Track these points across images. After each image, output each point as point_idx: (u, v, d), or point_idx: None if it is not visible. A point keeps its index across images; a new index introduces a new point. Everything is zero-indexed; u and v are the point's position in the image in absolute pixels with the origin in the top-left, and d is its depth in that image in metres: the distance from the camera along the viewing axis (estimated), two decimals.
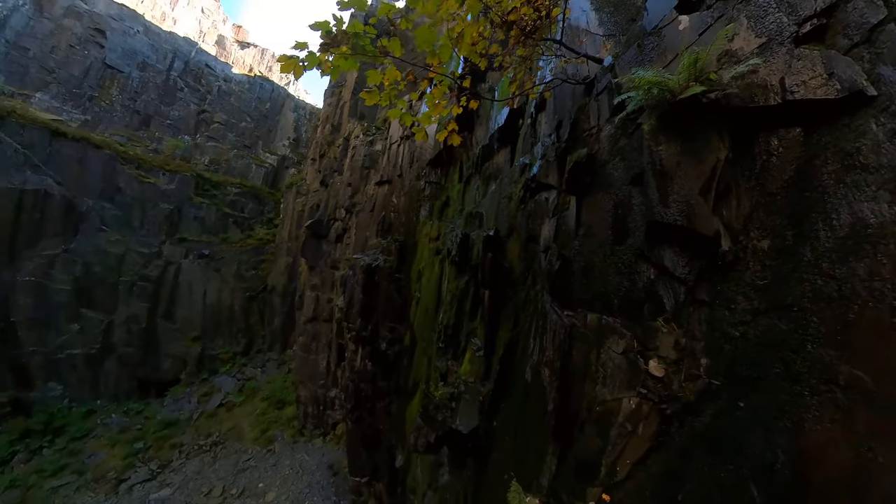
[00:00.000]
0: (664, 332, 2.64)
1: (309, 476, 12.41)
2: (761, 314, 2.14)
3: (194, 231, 18.59)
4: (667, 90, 2.72)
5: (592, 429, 3.18)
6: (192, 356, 17.65)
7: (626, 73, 3.65)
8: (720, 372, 2.30)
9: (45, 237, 14.40)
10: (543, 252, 5.29)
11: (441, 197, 12.55)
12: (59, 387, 14.40)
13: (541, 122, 7.03)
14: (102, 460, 12.97)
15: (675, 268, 2.70)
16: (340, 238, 18.61)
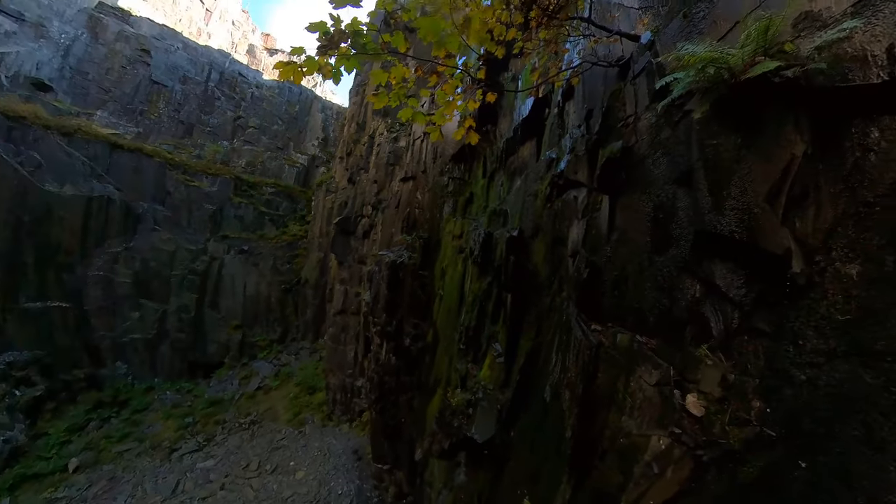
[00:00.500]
0: (708, 364, 2.16)
1: (335, 459, 12.77)
2: (839, 358, 1.62)
3: (235, 229, 19.66)
4: (725, 69, 2.15)
5: (614, 460, 2.77)
6: (234, 342, 18.76)
7: (670, 50, 3.06)
8: (777, 420, 1.80)
9: (109, 237, 15.93)
10: (571, 257, 4.80)
11: (464, 193, 12.15)
12: (124, 366, 15.94)
13: (569, 111, 6.41)
14: (158, 431, 14.18)
15: (727, 287, 2.19)
16: (367, 234, 18.81)
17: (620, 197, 3.84)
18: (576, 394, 3.20)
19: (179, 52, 22.89)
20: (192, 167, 18.81)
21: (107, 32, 20.45)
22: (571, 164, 5.13)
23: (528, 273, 6.12)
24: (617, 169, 3.86)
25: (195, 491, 11.65)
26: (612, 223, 3.87)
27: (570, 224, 4.97)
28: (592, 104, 5.11)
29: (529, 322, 5.69)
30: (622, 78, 4.37)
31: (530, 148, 8.15)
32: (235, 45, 35.61)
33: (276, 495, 11.49)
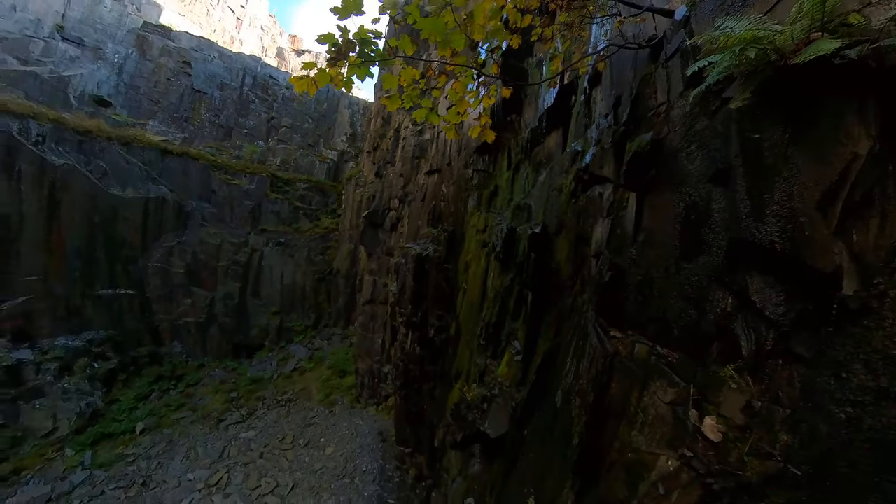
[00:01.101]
0: (732, 387, 1.91)
1: (361, 439, 13.33)
2: (890, 400, 1.34)
3: (272, 223, 20.77)
4: (772, 49, 1.79)
5: (620, 474, 2.64)
6: (273, 327, 19.98)
7: (707, 27, 2.70)
8: (805, 459, 1.54)
9: (164, 233, 17.60)
10: (594, 257, 4.51)
11: (489, 186, 11.85)
12: (180, 345, 17.64)
13: (596, 99, 5.93)
14: (208, 403, 15.58)
15: (763, 303, 1.91)
16: (395, 227, 19.05)
17: (649, 195, 3.50)
18: (586, 402, 3.04)
19: (216, 60, 24.40)
20: (233, 167, 20.06)
21: (152, 49, 22.33)
22: (597, 158, 4.78)
23: (551, 271, 5.87)
24: (645, 164, 3.49)
25: (238, 457, 12.73)
26: (639, 223, 3.56)
27: (595, 222, 4.66)
28: (620, 91, 4.64)
29: (549, 322, 5.49)
30: (654, 60, 3.90)
31: (556, 138, 7.73)
32: (265, 49, 37.06)
33: (308, 467, 12.24)
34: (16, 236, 13.81)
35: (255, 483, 11.60)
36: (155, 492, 11.35)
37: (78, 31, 19.97)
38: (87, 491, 11.20)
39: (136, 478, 11.81)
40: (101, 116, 18.69)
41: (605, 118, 5.00)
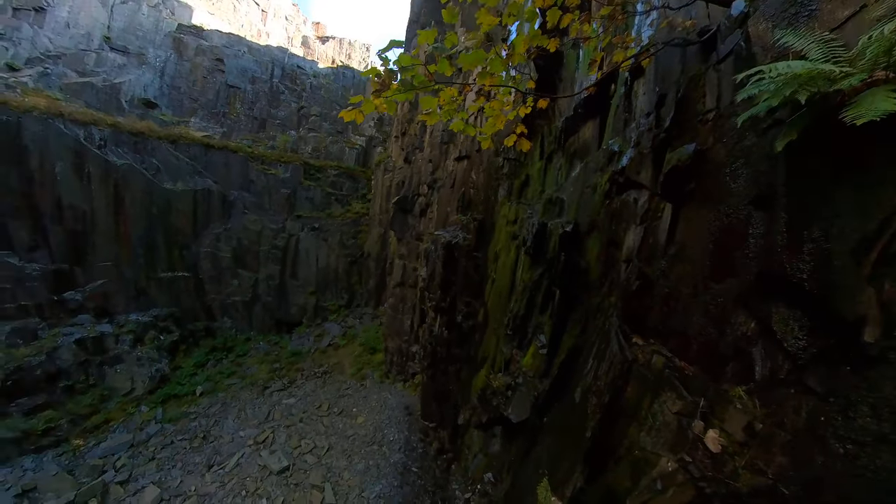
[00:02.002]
0: (738, 406, 2.06)
1: (389, 411, 14.34)
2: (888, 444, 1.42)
3: (306, 209, 21.80)
4: (826, 93, 1.71)
5: (626, 468, 2.95)
6: (310, 306, 21.39)
7: (766, 34, 2.54)
8: (796, 482, 1.68)
9: (212, 221, 19.08)
10: (624, 262, 4.56)
11: (520, 175, 11.71)
12: (230, 321, 19.47)
13: (637, 92, 5.66)
14: (254, 372, 17.27)
15: (784, 334, 1.99)
16: (424, 212, 19.30)
17: (685, 207, 3.47)
18: (601, 402, 3.29)
19: (246, 55, 25.20)
20: (269, 157, 21.00)
21: (188, 50, 23.44)
22: (634, 162, 4.69)
23: (580, 270, 5.95)
24: (685, 177, 3.40)
25: (281, 420, 14.16)
26: (672, 235, 3.58)
27: (627, 228, 4.66)
28: (665, 88, 4.33)
29: (575, 319, 5.64)
30: (705, 59, 3.62)
31: (592, 129, 7.49)
32: (291, 39, 37.29)
33: (341, 432, 13.44)
34: (91, 229, 15.60)
35: (296, 443, 12.97)
36: (213, 444, 13.00)
37: (122, 40, 21.47)
38: (159, 440, 13.05)
39: (197, 432, 13.56)
40: (150, 117, 20.29)
41: (647, 118, 4.77)
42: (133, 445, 12.73)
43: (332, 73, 29.33)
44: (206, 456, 12.45)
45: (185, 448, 12.82)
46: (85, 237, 15.45)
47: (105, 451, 12.34)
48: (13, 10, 18.17)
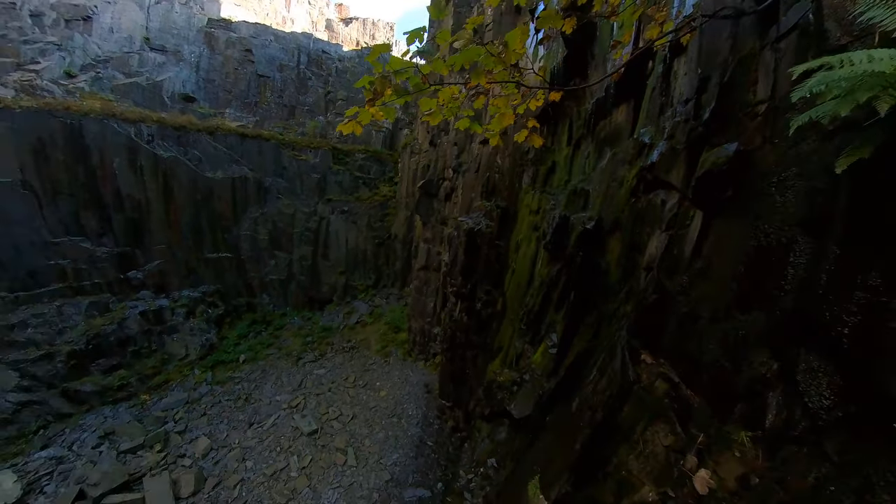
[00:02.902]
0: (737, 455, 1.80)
1: (410, 387, 15.01)
2: None
3: (336, 192, 22.32)
4: None
5: (612, 485, 2.87)
6: (340, 285, 22.35)
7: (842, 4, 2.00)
8: None
9: (249, 206, 20.21)
10: (645, 270, 4.16)
11: (546, 162, 11.02)
12: (268, 297, 20.93)
13: (678, 72, 4.87)
14: (289, 344, 18.61)
15: (807, 387, 1.68)
16: (449, 196, 19.04)
17: (718, 218, 3.00)
18: (594, 418, 3.17)
19: (273, 44, 25.41)
20: (299, 143, 21.53)
21: (219, 43, 24.03)
22: (665, 159, 4.13)
23: (599, 271, 5.57)
24: (722, 181, 2.87)
25: (312, 388, 15.27)
26: (699, 249, 3.16)
27: (652, 232, 4.22)
28: (710, 70, 3.56)
29: (588, 323, 5.35)
30: (762, 34, 2.84)
31: (625, 112, 6.73)
32: (314, 23, 36.88)
33: (365, 404, 14.29)
34: (147, 216, 17.20)
35: (324, 410, 14.02)
36: (254, 406, 14.36)
37: (160, 40, 22.51)
38: (209, 399, 14.62)
39: (241, 394, 15.01)
40: (190, 111, 21.58)
41: (685, 105, 4.09)
42: (188, 402, 14.37)
43: (356, 55, 29.11)
44: (248, 415, 13.85)
45: (231, 407, 14.29)
46: (142, 223, 17.08)
47: (166, 406, 14.05)
48: (65, 21, 19.61)
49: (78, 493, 10.10)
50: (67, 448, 11.84)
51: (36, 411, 12.28)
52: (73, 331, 14.10)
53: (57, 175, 14.66)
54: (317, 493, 10.72)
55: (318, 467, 11.59)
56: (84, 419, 12.89)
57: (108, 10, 20.94)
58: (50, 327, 13.73)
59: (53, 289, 14.54)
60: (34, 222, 14.35)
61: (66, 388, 13.02)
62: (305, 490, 10.83)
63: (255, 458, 11.92)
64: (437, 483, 10.90)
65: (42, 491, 10.32)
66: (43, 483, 10.56)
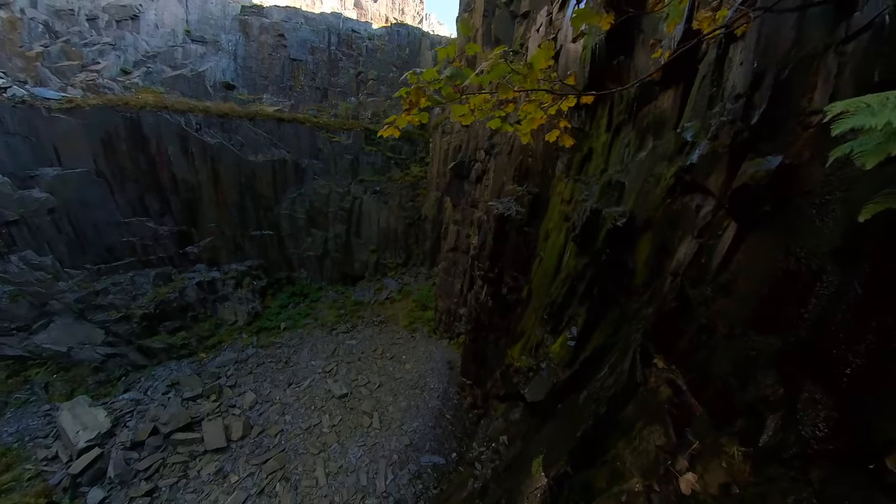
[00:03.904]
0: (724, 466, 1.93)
1: (433, 363, 15.89)
2: None
3: (368, 173, 22.88)
4: None
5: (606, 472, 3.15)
6: (371, 262, 23.40)
7: None
8: None
9: (288, 186, 21.47)
10: (671, 276, 4.12)
11: (583, 148, 10.56)
12: (305, 272, 22.52)
13: (733, 60, 4.48)
14: (324, 315, 20.12)
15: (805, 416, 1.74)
16: (480, 179, 18.86)
17: (753, 234, 2.90)
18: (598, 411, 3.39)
19: (304, 26, 25.57)
20: (332, 125, 22.08)
21: (253, 30, 24.60)
22: (705, 161, 3.95)
23: (626, 271, 5.52)
24: (758, 198, 2.73)
25: (344, 357, 16.60)
26: (727, 262, 3.11)
27: (683, 237, 4.13)
28: (766, 65, 3.24)
29: (610, 320, 5.40)
30: (830, 31, 2.51)
31: (672, 98, 6.29)
32: (343, 1, 36.11)
33: (391, 374, 15.37)
34: (199, 198, 18.92)
35: (354, 377, 15.30)
36: (292, 368, 15.93)
37: (199, 31, 23.54)
38: (255, 360, 16.42)
39: (281, 357, 16.68)
40: (231, 98, 22.80)
41: (735, 101, 3.68)
42: (237, 362, 16.25)
43: (386, 32, 28.72)
44: (287, 376, 15.47)
45: (273, 368, 15.99)
46: (195, 204, 18.84)
47: (219, 364, 16.00)
48: (116, 22, 21.02)
49: (152, 429, 12.15)
50: (143, 393, 14.02)
51: (118, 362, 14.55)
52: (143, 297, 16.32)
53: (123, 163, 16.48)
54: (344, 449, 12.04)
55: (346, 426, 12.93)
56: (155, 370, 15.08)
57: (152, 7, 22.19)
58: (126, 294, 15.96)
59: (126, 262, 16.75)
60: (108, 205, 16.38)
61: (140, 345, 15.23)
62: (335, 445, 12.20)
63: (293, 414, 13.51)
64: (452, 453, 11.78)
65: (125, 425, 12.46)
66: (126, 419, 12.72)
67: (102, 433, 11.63)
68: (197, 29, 23.68)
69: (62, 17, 19.34)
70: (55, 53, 18.79)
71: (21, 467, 10.53)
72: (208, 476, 11.12)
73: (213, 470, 11.30)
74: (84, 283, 15.14)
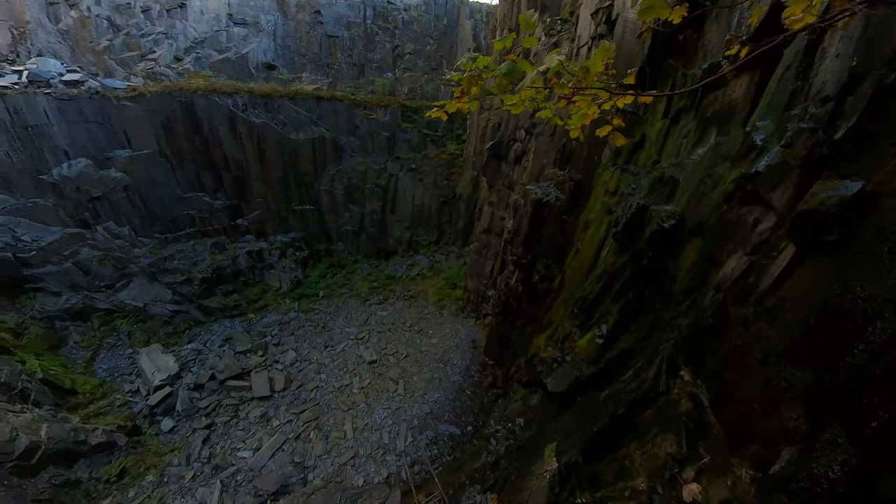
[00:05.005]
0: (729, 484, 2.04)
1: (458, 340, 16.68)
2: None
3: (404, 150, 23.01)
4: None
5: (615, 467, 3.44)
6: (405, 239, 24.11)
7: None
8: None
9: (327, 164, 22.33)
10: (714, 289, 4.00)
11: (634, 134, 9.87)
12: (342, 245, 23.82)
13: (828, 51, 3.94)
14: (359, 287, 21.38)
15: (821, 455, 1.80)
16: (519, 160, 18.29)
17: (811, 259, 2.76)
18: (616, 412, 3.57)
19: (339, 1, 25.12)
20: (369, 102, 22.18)
21: (290, 8, 24.44)
22: (773, 172, 3.63)
23: (666, 275, 5.39)
24: (826, 225, 2.53)
25: (375, 326, 17.82)
26: (777, 286, 3.00)
27: (733, 251, 3.96)
28: (869, 64, 2.84)
29: (642, 324, 5.38)
30: None
31: (745, 86, 5.61)
32: None
33: (417, 347, 16.37)
34: (247, 174, 20.34)
35: (384, 345, 16.49)
36: (329, 333, 17.44)
37: (240, 14, 23.88)
38: (296, 323, 18.07)
39: (319, 322, 18.22)
40: (272, 79, 23.36)
41: (824, 104, 3.27)
42: (281, 323, 18.00)
43: (422, 3, 27.59)
44: (324, 339, 17.05)
45: (311, 331, 17.59)
46: (244, 181, 20.32)
47: (265, 324, 17.81)
48: (166, 11, 21.90)
49: (210, 375, 14.20)
50: (203, 344, 16.10)
51: (183, 317, 16.71)
52: (202, 263, 18.34)
53: (181, 144, 18.01)
54: (371, 409, 13.35)
55: (374, 390, 14.20)
56: (212, 326, 17.15)
57: None
58: (188, 260, 18.05)
59: (188, 232, 18.75)
60: (171, 182, 18.18)
61: (200, 304, 17.31)
62: (363, 405, 13.55)
63: (327, 373, 15.06)
64: (468, 426, 12.62)
65: (189, 370, 14.57)
66: (189, 365, 14.82)
67: (172, 375, 13.73)
68: (238, 12, 24.26)
69: (121, 12, 20.74)
70: (118, 46, 20.41)
71: (113, 396, 12.84)
72: (255, 418, 13.00)
73: (259, 414, 13.16)
74: (154, 250, 17.37)
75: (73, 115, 15.11)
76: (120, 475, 10.62)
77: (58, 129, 14.86)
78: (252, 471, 11.31)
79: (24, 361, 11.84)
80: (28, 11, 17.81)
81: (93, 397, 12.44)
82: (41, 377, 11.70)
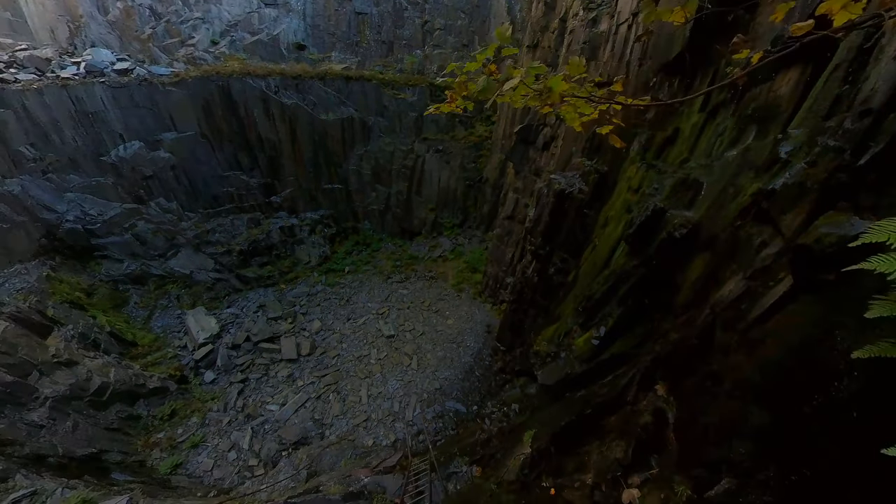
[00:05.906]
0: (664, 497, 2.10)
1: (473, 324, 17.08)
2: None
3: (432, 131, 22.66)
4: None
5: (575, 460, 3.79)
6: (429, 220, 24.33)
7: None
8: None
9: (356, 144, 22.55)
10: (710, 309, 3.79)
11: (666, 127, 9.07)
12: (368, 224, 24.53)
13: (886, 49, 3.39)
14: (382, 264, 22.14)
15: (757, 495, 1.82)
16: (548, 146, 17.49)
17: (806, 296, 2.55)
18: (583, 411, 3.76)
19: None
20: (398, 82, 21.80)
21: None
22: (788, 192, 3.30)
23: (670, 286, 5.14)
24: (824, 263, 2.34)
25: (395, 303, 18.57)
26: (766, 318, 2.85)
27: (736, 272, 3.72)
28: None
29: (637, 332, 5.26)
30: None
31: (793, 82, 4.93)
32: None
33: (433, 326, 16.98)
34: (279, 154, 21.07)
35: (402, 322, 17.28)
36: (352, 307, 18.47)
37: None
38: (323, 296, 19.24)
39: (344, 296, 19.28)
40: (303, 59, 23.28)
41: (862, 118, 2.84)
42: (309, 295, 19.23)
43: None
44: (347, 312, 18.16)
45: (336, 304, 18.72)
46: (277, 160, 21.15)
47: (295, 295, 19.11)
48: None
49: (245, 337, 15.86)
50: (240, 310, 17.69)
51: (223, 285, 18.38)
52: (240, 237, 19.80)
53: (220, 126, 18.98)
54: (385, 380, 14.31)
55: (389, 362, 15.11)
56: (248, 294, 18.71)
57: None
58: (227, 233, 19.57)
59: (227, 208, 20.16)
60: (212, 161, 19.39)
61: (238, 273, 18.90)
62: (378, 375, 14.55)
63: (348, 343, 16.22)
64: (474, 406, 13.15)
65: (228, 331, 16.25)
66: (228, 327, 16.46)
67: (214, 335, 15.38)
68: None
69: (162, 0, 21.50)
70: (161, 33, 21.37)
71: (165, 350, 14.70)
72: (282, 377, 14.53)
73: (286, 374, 14.66)
74: (198, 224, 19.03)
75: (126, 102, 16.47)
76: (171, 415, 12.41)
77: (113, 114, 16.32)
78: (278, 422, 12.73)
79: (95, 317, 13.83)
80: (80, 6, 19.09)
81: (149, 349, 14.36)
82: (109, 330, 13.64)
